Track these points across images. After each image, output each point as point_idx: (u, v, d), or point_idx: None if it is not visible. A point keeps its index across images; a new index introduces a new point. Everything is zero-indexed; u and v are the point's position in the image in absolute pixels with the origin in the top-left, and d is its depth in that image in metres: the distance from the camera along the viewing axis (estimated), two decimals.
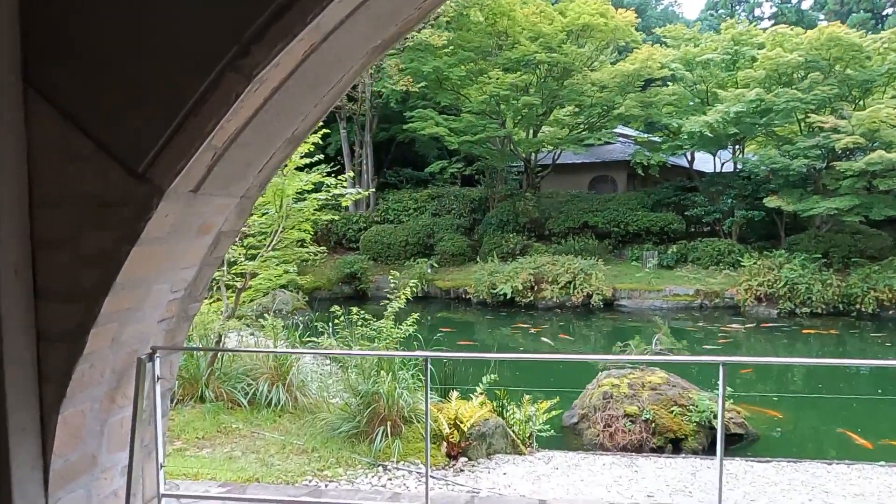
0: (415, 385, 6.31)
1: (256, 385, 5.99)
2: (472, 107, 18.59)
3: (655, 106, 19.58)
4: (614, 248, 20.50)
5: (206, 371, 5.90)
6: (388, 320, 6.33)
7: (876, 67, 16.44)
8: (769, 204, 16.74)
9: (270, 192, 5.93)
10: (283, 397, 6.00)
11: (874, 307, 15.54)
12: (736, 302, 16.58)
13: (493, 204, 22.16)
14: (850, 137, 14.87)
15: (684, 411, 7.33)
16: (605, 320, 16.29)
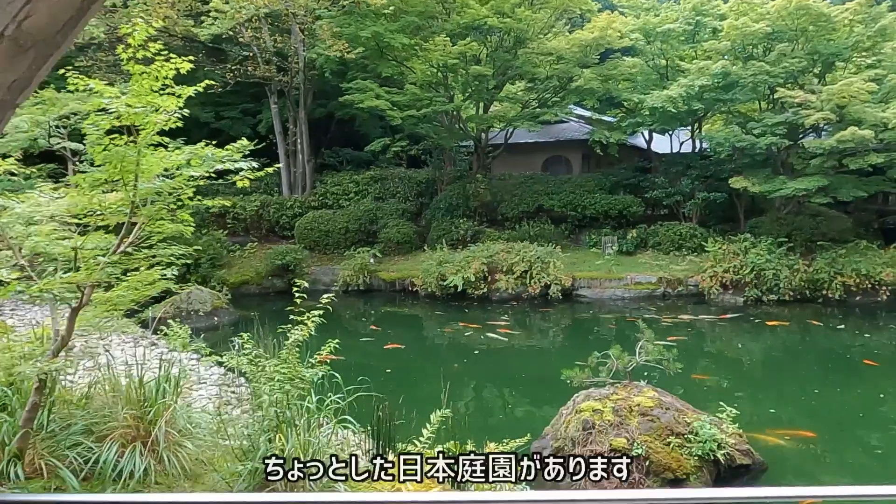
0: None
1: (101, 449, 4.10)
2: (416, 78, 16.72)
3: (614, 80, 18.27)
4: (571, 232, 19.22)
5: (18, 433, 3.95)
6: (292, 354, 4.52)
7: (842, 40, 15.59)
8: (734, 185, 15.74)
9: (113, 169, 4.01)
10: (142, 463, 4.14)
11: (841, 293, 14.82)
12: (701, 290, 15.58)
13: (442, 187, 20.46)
14: (821, 113, 13.93)
15: (683, 442, 5.91)
16: (564, 312, 14.97)
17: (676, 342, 11.95)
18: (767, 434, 7.30)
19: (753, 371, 10.69)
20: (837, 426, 7.83)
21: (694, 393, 9.21)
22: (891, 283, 14.64)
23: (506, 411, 8.14)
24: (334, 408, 4.68)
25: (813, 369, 10.85)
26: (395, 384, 9.17)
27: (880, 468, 6.57)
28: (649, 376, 7.17)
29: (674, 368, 6.74)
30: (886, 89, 15.05)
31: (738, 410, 8.19)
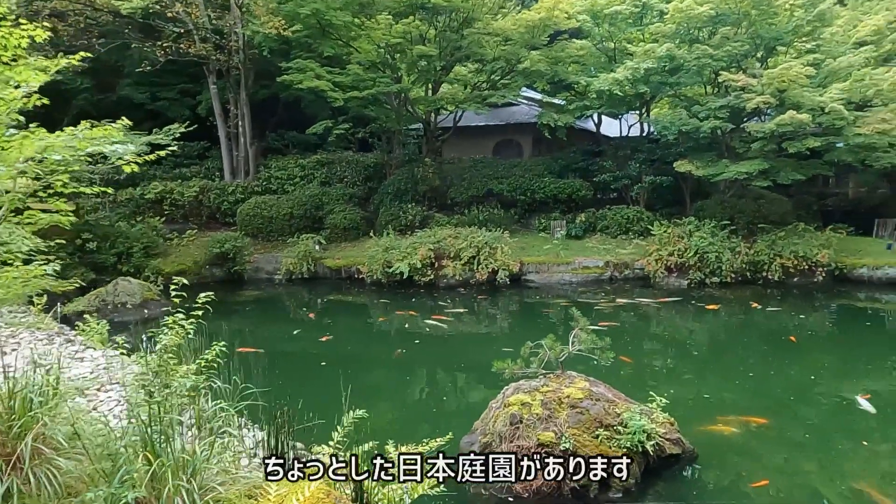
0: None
1: None
2: (360, 58, 16.11)
3: (563, 63, 18.06)
4: (521, 217, 19.09)
5: None
6: (164, 359, 4.10)
7: (783, 25, 15.74)
8: (679, 169, 15.82)
9: None
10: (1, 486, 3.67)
11: (780, 274, 15.14)
12: (646, 273, 15.67)
13: (391, 171, 20.01)
14: (761, 97, 14.05)
15: (612, 434, 5.75)
16: (512, 298, 14.82)
17: (618, 326, 12.03)
18: (719, 421, 7.27)
19: (691, 355, 10.73)
20: (777, 408, 7.84)
21: (635, 379, 9.19)
22: (826, 264, 15.02)
23: (440, 404, 7.89)
24: (232, 411, 4.29)
25: (751, 351, 10.96)
26: (324, 378, 8.82)
27: (820, 449, 6.58)
28: (595, 366, 6.98)
29: (606, 357, 6.58)
30: (824, 74, 15.28)
31: (680, 396, 8.24)
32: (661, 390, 8.26)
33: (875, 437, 6.81)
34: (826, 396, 8.12)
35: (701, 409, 7.84)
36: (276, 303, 15.17)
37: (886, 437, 6.86)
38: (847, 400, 7.77)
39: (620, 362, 9.97)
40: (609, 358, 6.59)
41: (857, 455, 6.39)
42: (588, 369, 7.09)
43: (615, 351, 9.72)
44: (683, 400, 8.13)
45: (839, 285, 15.30)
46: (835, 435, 6.91)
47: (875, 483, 5.79)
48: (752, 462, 6.35)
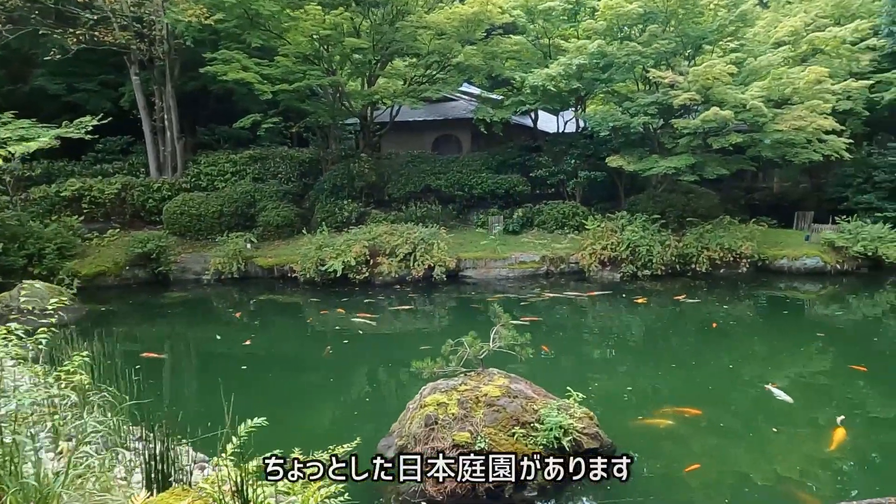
0: None
1: None
2: (290, 50, 15.57)
3: (499, 58, 18.05)
4: (460, 213, 19.02)
5: None
6: None
7: (708, 24, 16.21)
8: (611, 164, 16.09)
9: None
10: None
11: (707, 266, 15.63)
12: (581, 267, 15.88)
13: (327, 167, 19.53)
14: (688, 94, 14.42)
15: (529, 431, 5.68)
16: (448, 294, 14.70)
17: (548, 321, 12.12)
18: (655, 413, 7.35)
19: (621, 348, 10.90)
20: (708, 398, 7.99)
21: (564, 374, 9.22)
22: (749, 255, 15.61)
23: (362, 406, 7.66)
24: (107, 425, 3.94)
25: (679, 342, 11.24)
26: (242, 383, 8.44)
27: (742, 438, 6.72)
28: (528, 362, 6.90)
29: (526, 353, 6.52)
30: (746, 73, 15.84)
31: (610, 389, 8.30)
32: (592, 384, 8.41)
33: (794, 422, 7.04)
34: (752, 385, 8.30)
35: (630, 402, 7.92)
36: (202, 304, 14.53)
37: (804, 422, 7.09)
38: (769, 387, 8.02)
39: (551, 357, 10.03)
40: (528, 354, 6.53)
41: (779, 440, 6.58)
42: (520, 366, 7.05)
43: (546, 346, 9.84)
44: (613, 393, 8.20)
45: (762, 275, 15.94)
46: (759, 422, 7.07)
47: (796, 465, 6.00)
48: (685, 449, 6.43)
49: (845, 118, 20.70)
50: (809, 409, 7.43)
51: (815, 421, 7.08)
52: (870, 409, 7.49)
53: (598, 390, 8.31)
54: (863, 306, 13.82)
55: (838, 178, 22.03)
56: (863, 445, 6.42)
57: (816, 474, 5.92)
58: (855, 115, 20.46)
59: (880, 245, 15.34)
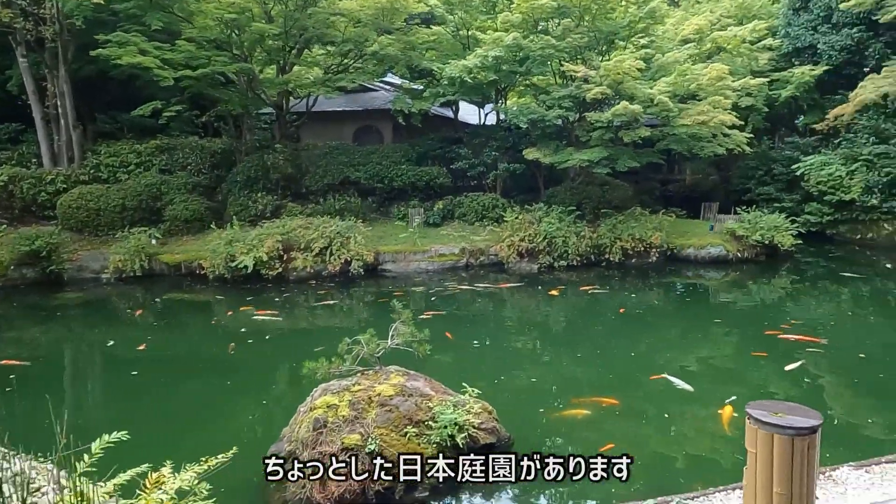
0: None
1: None
2: (194, 34, 14.72)
3: (418, 49, 17.84)
4: (380, 205, 18.73)
5: None
6: None
7: (620, 20, 16.63)
8: (528, 156, 16.27)
9: None
10: None
11: (620, 256, 16.10)
12: (500, 259, 15.99)
13: (241, 158, 18.70)
14: (599, 88, 14.74)
15: (422, 430, 5.55)
16: (366, 289, 14.42)
17: (461, 312, 12.12)
18: (573, 403, 7.43)
19: (531, 339, 11.00)
20: (619, 385, 8.15)
21: (474, 367, 9.19)
22: (659, 245, 16.21)
23: (257, 410, 7.32)
24: None
25: (588, 332, 11.49)
26: (132, 389, 7.90)
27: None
28: (436, 359, 6.75)
29: (423, 351, 6.39)
30: (655, 68, 16.39)
31: (512, 383, 8.32)
32: (505, 377, 8.42)
33: (696, 404, 7.32)
34: (660, 371, 8.51)
35: (546, 393, 7.98)
36: (99, 305, 13.55)
37: (704, 404, 7.36)
38: (678, 371, 8.30)
39: (465, 352, 9.99)
40: (426, 350, 6.40)
41: (683, 420, 6.90)
42: (432, 361, 6.94)
43: (447, 339, 9.80)
44: (527, 387, 8.23)
45: (671, 264, 16.60)
46: (667, 406, 7.29)
47: (694, 441, 6.47)
48: (601, 434, 6.53)
49: (748, 114, 21.91)
50: (710, 391, 7.73)
51: (714, 402, 7.37)
52: (761, 389, 7.88)
53: (511, 383, 8.35)
54: (761, 291, 14.64)
55: (742, 170, 23.31)
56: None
57: (710, 447, 6.41)
58: (756, 111, 21.69)
59: (776, 234, 16.30)
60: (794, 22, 21.71)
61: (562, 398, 7.83)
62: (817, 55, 21.06)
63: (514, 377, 8.61)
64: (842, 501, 3.92)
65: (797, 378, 8.09)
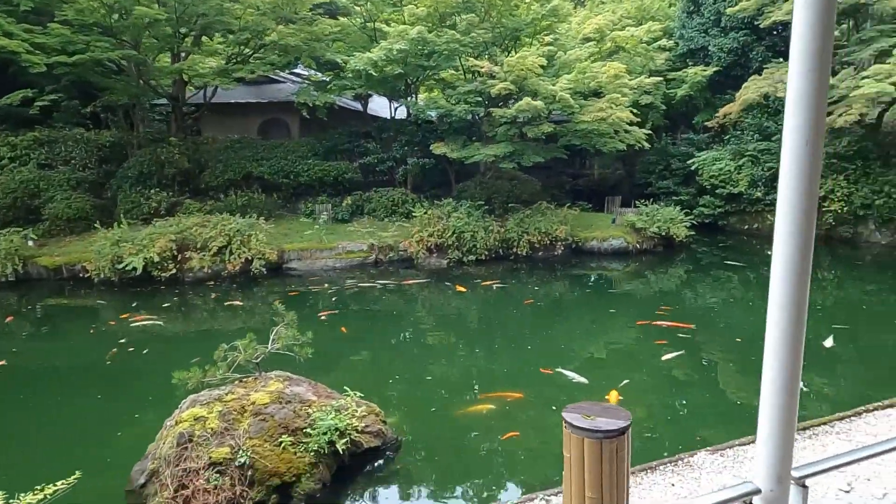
0: None
1: None
2: (71, 16, 13.53)
3: (323, 40, 17.32)
4: (287, 202, 18.10)
5: None
6: None
7: (523, 17, 16.86)
8: (435, 151, 16.22)
9: None
10: None
11: (527, 250, 16.40)
12: (410, 254, 15.86)
13: (132, 152, 17.48)
14: (503, 84, 14.87)
15: (299, 438, 5.31)
16: (269, 289, 13.85)
17: (364, 309, 11.90)
18: (481, 399, 7.39)
19: (434, 337, 10.95)
20: (520, 379, 8.21)
21: (374, 368, 9.01)
22: (564, 238, 16.64)
23: (128, 425, 6.79)
24: None
25: (493, 327, 11.58)
26: None
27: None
28: (343, 363, 6.46)
29: (304, 354, 6.14)
30: (558, 66, 16.76)
31: (420, 381, 8.21)
32: (404, 377, 8.29)
33: (592, 391, 7.50)
34: (560, 363, 8.66)
35: (449, 390, 7.90)
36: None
37: (600, 389, 7.54)
38: (579, 362, 8.46)
39: (362, 351, 9.78)
40: (307, 354, 6.15)
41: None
42: (332, 364, 6.67)
43: (347, 340, 9.58)
44: (428, 385, 8.13)
45: (576, 257, 17.09)
46: (566, 396, 7.43)
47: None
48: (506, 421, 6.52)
49: (648, 111, 22.95)
50: (606, 379, 7.95)
51: (607, 390, 7.57)
52: (648, 375, 8.20)
53: (414, 382, 8.25)
54: (659, 281, 15.35)
55: (643, 165, 24.42)
56: (628, 403, 7.06)
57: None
58: (655, 109, 22.75)
59: (672, 226, 17.16)
60: (688, 25, 22.93)
61: (468, 394, 7.83)
62: (709, 57, 22.35)
63: (417, 375, 8.52)
64: (696, 486, 4.07)
65: (678, 364, 8.49)
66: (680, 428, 6.76)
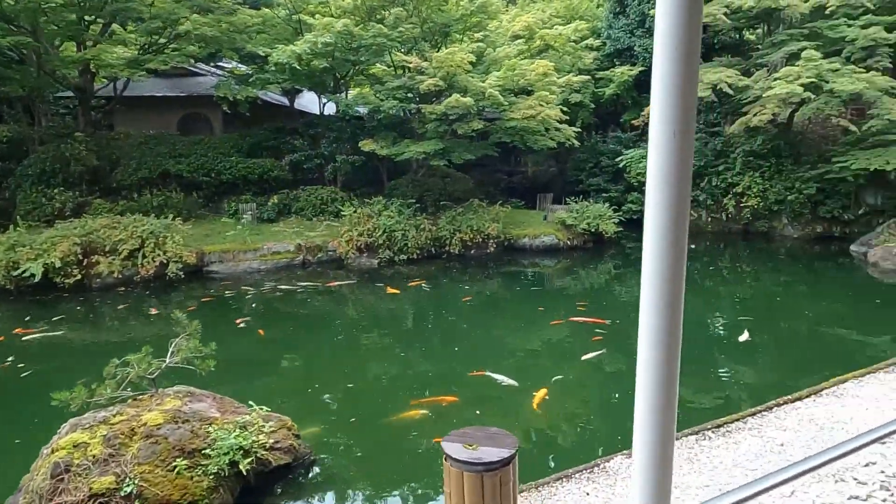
0: None
1: None
2: None
3: (247, 32, 16.53)
4: (209, 201, 17.21)
5: None
6: None
7: (452, 12, 16.68)
8: (364, 148, 15.80)
9: None
10: None
11: (460, 248, 16.26)
12: (339, 255, 15.39)
13: (34, 148, 16.13)
14: (432, 80, 14.64)
15: (197, 461, 4.87)
16: (187, 293, 13.06)
17: (286, 315, 11.40)
18: (412, 406, 7.07)
19: (359, 341, 10.60)
20: (451, 383, 7.97)
21: (294, 377, 8.56)
22: (496, 236, 16.60)
23: (9, 451, 6.11)
24: None
25: (421, 328, 11.34)
26: None
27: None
28: (272, 374, 5.98)
29: (206, 368, 5.67)
30: (488, 63, 16.68)
31: (342, 389, 7.84)
32: (327, 385, 7.91)
33: (522, 391, 7.36)
34: (495, 364, 8.48)
35: (381, 396, 7.57)
36: None
37: (529, 389, 7.42)
38: (512, 363, 8.32)
39: (280, 359, 9.30)
40: (210, 367, 5.69)
41: (510, 402, 6.97)
42: (239, 378, 6.18)
43: (262, 331, 9.09)
44: (345, 393, 7.77)
45: (508, 254, 17.09)
46: (495, 397, 7.26)
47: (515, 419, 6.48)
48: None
49: (578, 110, 23.31)
50: (536, 378, 7.85)
51: (538, 386, 7.47)
52: (574, 372, 8.17)
53: (341, 391, 7.88)
54: (589, 277, 15.56)
55: (574, 163, 24.83)
56: (555, 401, 7.04)
57: (526, 420, 6.62)
58: (584, 108, 23.14)
59: (601, 222, 17.45)
60: (615, 25, 23.43)
61: (396, 401, 7.53)
62: (635, 57, 22.91)
63: (341, 383, 8.15)
64: (610, 493, 3.95)
65: (603, 362, 8.52)
66: (600, 429, 6.74)
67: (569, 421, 6.92)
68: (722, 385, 7.86)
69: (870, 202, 17.58)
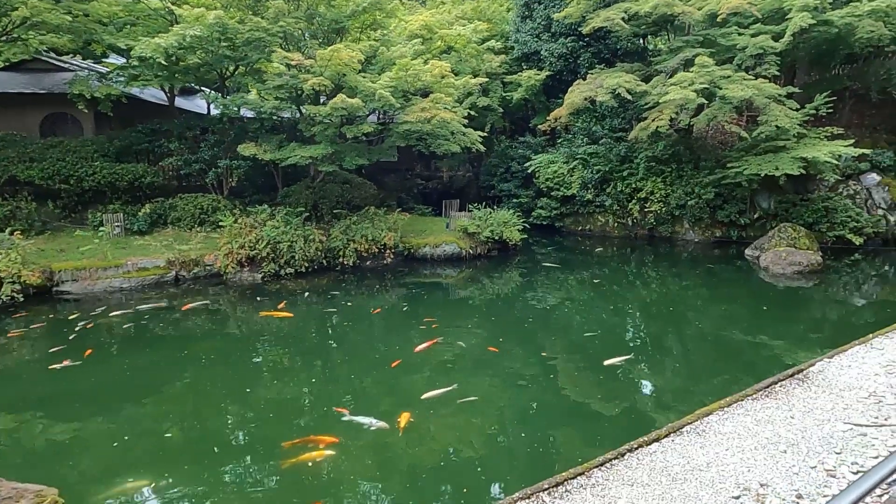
0: None
1: None
2: None
3: (115, 23, 14.84)
4: (71, 211, 15.34)
5: None
6: None
7: (343, 8, 15.64)
8: (244, 152, 14.46)
9: None
10: None
11: (355, 260, 15.21)
12: (217, 269, 13.97)
13: None
14: (317, 79, 13.52)
15: None
16: (31, 320, 11.25)
17: (116, 349, 9.93)
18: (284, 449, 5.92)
19: (208, 374, 9.31)
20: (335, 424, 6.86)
21: (112, 426, 7.16)
22: (393, 245, 15.66)
23: None
24: None
25: (294, 353, 10.18)
26: None
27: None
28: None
29: None
30: (383, 62, 15.73)
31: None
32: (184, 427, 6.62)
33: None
34: (356, 396, 7.51)
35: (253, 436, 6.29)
36: None
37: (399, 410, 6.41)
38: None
39: (102, 402, 7.85)
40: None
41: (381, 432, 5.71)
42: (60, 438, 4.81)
43: (72, 390, 7.66)
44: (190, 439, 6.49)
45: (408, 264, 16.17)
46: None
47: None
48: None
49: (487, 113, 22.79)
50: (407, 402, 6.89)
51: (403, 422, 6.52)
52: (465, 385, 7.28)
53: (168, 441, 6.61)
54: (494, 286, 14.75)
55: (486, 168, 24.33)
56: (420, 424, 6.16)
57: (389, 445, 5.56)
58: (492, 111, 22.64)
59: (505, 229, 16.85)
60: (522, 29, 23.11)
61: (264, 448, 6.38)
62: (542, 61, 22.65)
63: (160, 435, 6.89)
64: None
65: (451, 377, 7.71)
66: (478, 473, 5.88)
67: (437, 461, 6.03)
68: (598, 413, 7.21)
69: (763, 206, 17.90)
